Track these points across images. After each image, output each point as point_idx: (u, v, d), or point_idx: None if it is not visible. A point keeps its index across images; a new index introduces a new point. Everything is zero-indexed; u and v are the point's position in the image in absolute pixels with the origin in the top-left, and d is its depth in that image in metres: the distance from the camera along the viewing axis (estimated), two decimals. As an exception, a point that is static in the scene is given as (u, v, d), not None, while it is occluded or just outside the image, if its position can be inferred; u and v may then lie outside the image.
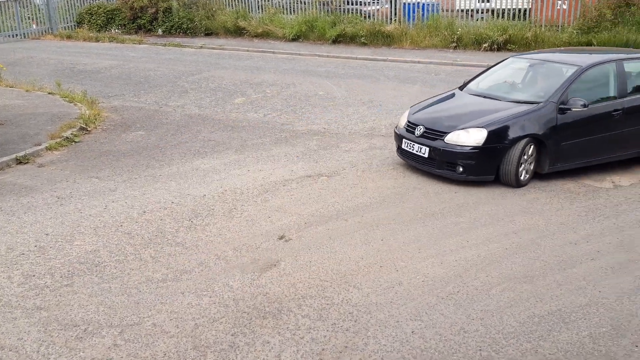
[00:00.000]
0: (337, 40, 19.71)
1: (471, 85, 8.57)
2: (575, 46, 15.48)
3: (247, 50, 19.55)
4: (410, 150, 7.66)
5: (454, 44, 17.81)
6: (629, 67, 7.84)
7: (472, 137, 7.08)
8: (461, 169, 7.16)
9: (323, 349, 4.18)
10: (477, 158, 7.07)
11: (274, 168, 8.16)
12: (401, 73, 15.07)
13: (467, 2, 19.56)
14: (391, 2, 19.98)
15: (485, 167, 7.16)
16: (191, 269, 5.40)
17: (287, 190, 7.33)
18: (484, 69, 9.24)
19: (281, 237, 5.98)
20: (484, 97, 8.03)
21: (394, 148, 8.45)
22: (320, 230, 6.14)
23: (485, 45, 17.08)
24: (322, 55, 18.14)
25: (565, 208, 6.66)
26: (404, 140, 7.81)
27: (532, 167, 7.32)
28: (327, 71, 15.61)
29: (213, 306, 4.76)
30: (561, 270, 5.23)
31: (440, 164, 7.34)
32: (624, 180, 7.55)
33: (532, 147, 7.17)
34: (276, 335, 4.36)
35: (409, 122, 7.90)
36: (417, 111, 8.11)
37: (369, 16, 20.36)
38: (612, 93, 7.66)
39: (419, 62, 16.42)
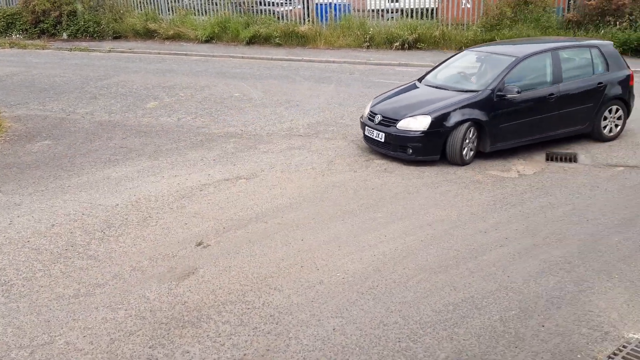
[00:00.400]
0: (252, 41, 19.58)
1: (428, 77, 9.40)
2: (483, 42, 16.21)
3: (159, 53, 19.03)
4: (371, 136, 8.56)
5: (367, 44, 18.17)
6: (563, 55, 8.70)
7: (419, 123, 7.97)
8: (411, 151, 8.07)
9: (244, 354, 4.14)
10: (424, 141, 7.97)
11: (190, 173, 8.00)
12: (316, 73, 15.18)
13: (377, 2, 19.97)
14: (304, 2, 20.08)
15: (431, 148, 8.04)
16: (105, 282, 5.18)
17: (204, 195, 7.20)
18: (439, 62, 9.86)
19: (199, 244, 5.87)
20: (436, 87, 8.89)
21: (312, 147, 8.59)
22: (240, 234, 6.07)
23: (397, 44, 17.54)
24: (237, 57, 17.97)
25: (475, 199, 6.95)
26: (366, 127, 8.69)
27: (474, 146, 8.17)
28: (242, 72, 15.47)
29: (129, 319, 4.59)
30: (473, 259, 5.46)
31: (395, 147, 8.24)
32: (527, 169, 7.97)
33: (473, 130, 8.03)
34: (196, 344, 4.27)
35: (370, 111, 8.80)
36: (378, 102, 8.96)
37: (282, 17, 20.36)
38: (548, 79, 8.46)
39: (333, 61, 16.63)
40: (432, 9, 19.20)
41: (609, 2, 15.50)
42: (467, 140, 7.98)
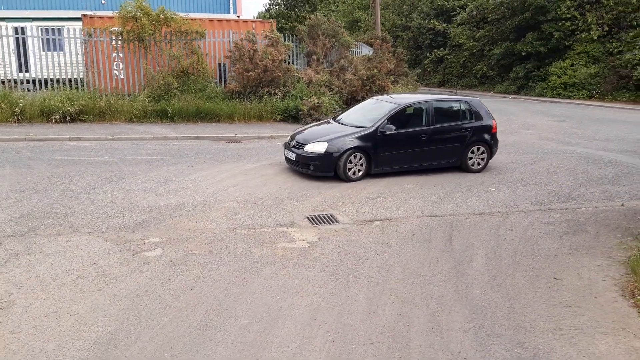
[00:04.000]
0: None
1: (340, 116, 11.89)
2: (154, 112, 15.41)
3: None
4: (287, 156, 10.81)
5: (17, 117, 14.96)
6: (438, 105, 11.05)
7: (318, 147, 10.16)
8: (312, 168, 10.22)
9: None
10: (322, 160, 10.11)
11: None
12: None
13: (3, 71, 16.93)
14: None
15: (327, 166, 10.13)
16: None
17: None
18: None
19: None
20: (341, 124, 11.22)
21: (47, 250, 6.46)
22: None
23: (56, 116, 15.00)
24: None
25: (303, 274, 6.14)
26: (286, 150, 10.93)
27: (364, 168, 10.32)
28: None
29: None
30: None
31: (302, 164, 10.36)
32: (308, 235, 7.07)
33: (359, 155, 10.20)
34: None
35: (290, 137, 11.13)
36: (299, 131, 11.26)
37: None
38: (423, 122, 10.77)
39: (-13, 139, 13.08)
40: (81, 79, 17.32)
41: (265, 73, 16.78)
42: (352, 164, 10.16)
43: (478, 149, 11.19)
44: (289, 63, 18.70)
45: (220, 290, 5.29)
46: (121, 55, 17.56)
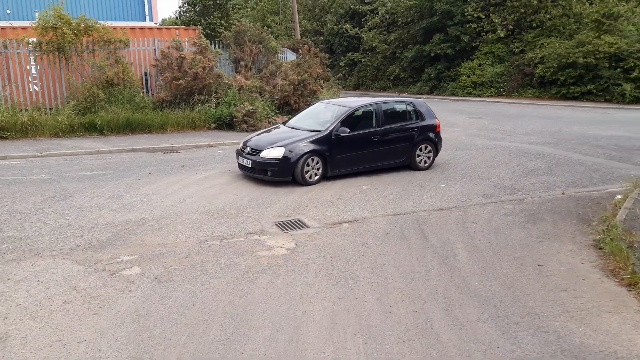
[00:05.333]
0: None
1: (290, 121, 12.01)
2: (81, 125, 14.72)
3: None
4: (242, 163, 10.72)
5: None
6: (386, 107, 11.46)
7: (275, 153, 10.18)
8: (270, 173, 10.21)
9: None
10: (279, 166, 10.11)
11: None
12: None
13: None
14: None
15: (284, 171, 10.17)
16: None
17: None
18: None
19: None
20: (294, 128, 11.29)
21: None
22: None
23: (-28, 132, 13.93)
24: None
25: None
26: (239, 157, 10.85)
27: (320, 172, 10.43)
28: None
29: None
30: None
31: (258, 170, 10.33)
32: (284, 242, 7.02)
33: (316, 159, 10.34)
34: None
35: (243, 144, 11.03)
36: (250, 138, 11.19)
37: None
38: (373, 124, 11.08)
39: None
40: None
41: (195, 81, 16.48)
42: (309, 167, 10.25)
43: (425, 147, 11.65)
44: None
45: (225, 304, 5.19)
46: (38, 67, 16.55)
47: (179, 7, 42.20)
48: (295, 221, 8.25)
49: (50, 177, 10.86)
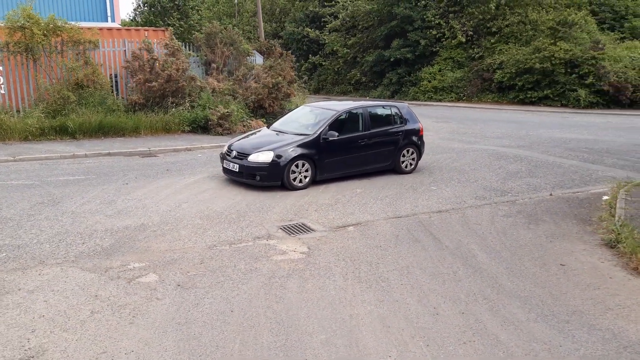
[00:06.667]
0: None
1: (274, 124, 11.86)
2: (52, 129, 14.20)
3: None
4: (228, 167, 10.49)
5: None
6: (372, 111, 11.46)
7: (264, 157, 10.02)
8: (258, 178, 10.06)
9: None
10: (268, 170, 9.98)
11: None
12: None
13: None
14: None
15: (274, 176, 10.04)
16: None
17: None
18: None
19: None
20: (280, 132, 11.09)
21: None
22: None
23: (-64, 137, 13.19)
24: None
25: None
26: (224, 161, 10.61)
27: (309, 176, 10.33)
28: None
29: None
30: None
31: (247, 175, 10.13)
32: (296, 246, 7.24)
33: (304, 163, 10.21)
34: None
35: (228, 147, 10.77)
36: (235, 141, 11.02)
37: None
38: (360, 128, 11.09)
39: None
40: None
41: (168, 83, 16.17)
42: (298, 171, 10.15)
43: (408, 151, 11.75)
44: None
45: (264, 309, 5.11)
46: (1, 68, 15.81)
47: (134, 9, 41.34)
48: (299, 225, 8.21)
49: (32, 182, 10.42)
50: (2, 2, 20.99)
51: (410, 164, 11.84)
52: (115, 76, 17.49)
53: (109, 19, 24.41)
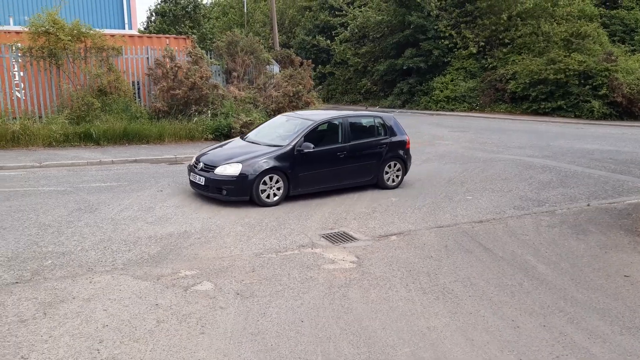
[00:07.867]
0: None
1: (249, 135, 11.06)
2: (76, 135, 14.16)
3: None
4: (194, 180, 9.72)
5: None
6: (353, 122, 10.66)
7: (232, 170, 9.27)
8: (225, 192, 9.32)
9: None
10: (236, 184, 9.23)
11: None
12: None
13: None
14: None
15: (241, 190, 9.27)
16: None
17: None
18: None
19: None
20: (252, 142, 10.36)
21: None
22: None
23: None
24: None
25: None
26: (191, 173, 9.84)
27: (281, 191, 9.53)
28: None
29: None
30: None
31: (212, 189, 9.39)
32: (344, 255, 6.85)
33: (276, 177, 9.45)
34: None
35: (195, 159, 10.02)
36: (203, 153, 10.19)
37: None
38: (340, 139, 10.32)
39: None
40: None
41: (192, 91, 16.16)
42: (266, 185, 9.36)
43: (394, 164, 10.96)
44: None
45: (335, 319, 5.02)
46: (22, 74, 15.81)
47: (147, 17, 41.61)
48: (341, 234, 8.13)
49: (64, 188, 10.36)
50: (21, 7, 21.04)
51: (394, 179, 10.99)
52: (137, 83, 17.49)
53: (126, 26, 24.45)
